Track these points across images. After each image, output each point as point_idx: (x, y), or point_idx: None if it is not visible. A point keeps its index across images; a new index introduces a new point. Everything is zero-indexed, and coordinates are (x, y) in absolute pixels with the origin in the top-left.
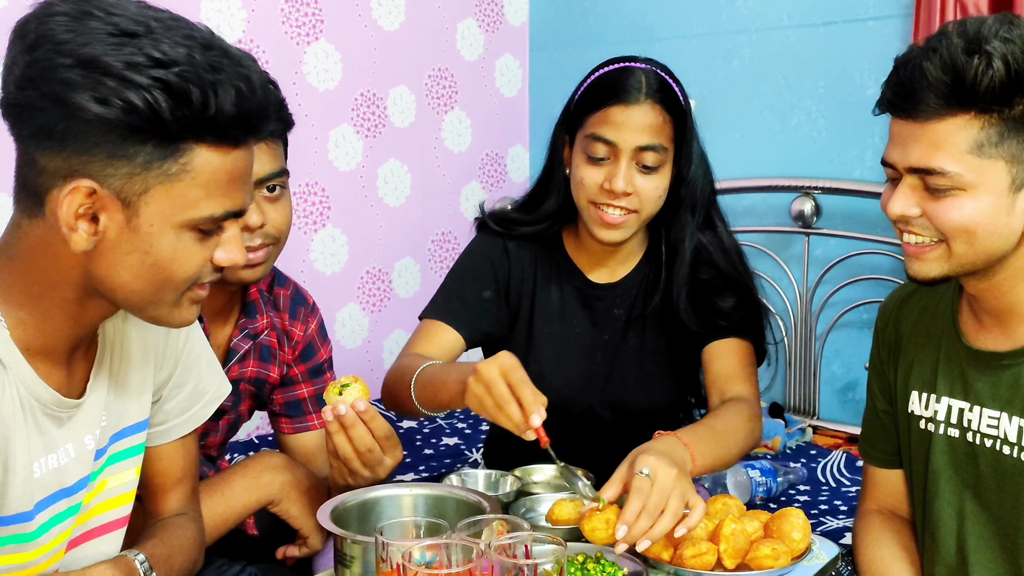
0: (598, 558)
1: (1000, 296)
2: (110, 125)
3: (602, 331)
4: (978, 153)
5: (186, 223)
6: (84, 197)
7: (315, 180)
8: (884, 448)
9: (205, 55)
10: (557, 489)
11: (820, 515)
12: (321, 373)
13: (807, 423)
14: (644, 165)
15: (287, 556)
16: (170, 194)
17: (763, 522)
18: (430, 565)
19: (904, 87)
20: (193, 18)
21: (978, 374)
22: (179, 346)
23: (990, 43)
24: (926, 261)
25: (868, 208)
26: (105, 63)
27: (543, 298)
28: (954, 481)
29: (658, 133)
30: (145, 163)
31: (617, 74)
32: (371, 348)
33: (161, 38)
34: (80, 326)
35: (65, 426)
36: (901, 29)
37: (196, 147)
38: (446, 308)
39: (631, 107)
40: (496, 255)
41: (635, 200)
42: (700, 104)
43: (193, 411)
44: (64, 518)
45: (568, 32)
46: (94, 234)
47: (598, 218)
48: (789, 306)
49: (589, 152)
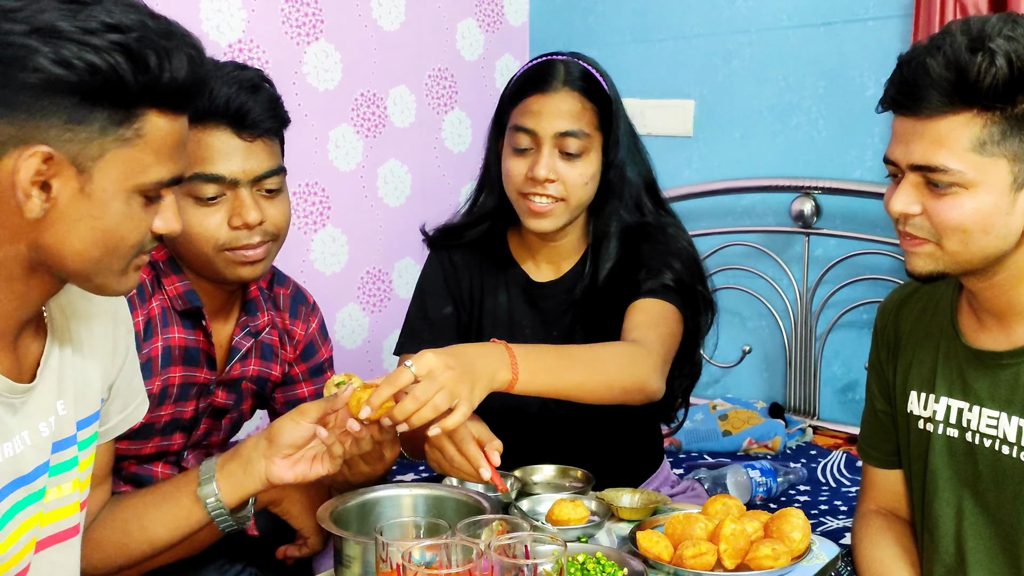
0: (598, 558)
1: (1000, 295)
2: (70, 88)
3: (551, 329)
4: (980, 151)
5: (136, 188)
6: (40, 163)
7: (315, 180)
8: (883, 448)
9: (155, 23)
10: (557, 489)
11: (820, 515)
12: (322, 372)
13: (807, 423)
14: (566, 152)
15: (287, 556)
16: (123, 159)
17: (763, 522)
18: (430, 565)
19: (907, 84)
20: (193, 18)
21: (977, 374)
22: (126, 337)
23: (994, 41)
24: (919, 256)
25: (868, 208)
26: (61, 28)
27: (491, 304)
28: (953, 481)
29: (577, 119)
30: (101, 128)
31: (537, 67)
32: (371, 348)
33: (110, 6)
34: (25, 306)
35: (19, 413)
36: (901, 29)
37: (149, 112)
38: (416, 338)
39: (548, 95)
40: (446, 269)
41: (560, 187)
42: (700, 104)
43: (128, 411)
44: (24, 506)
45: (568, 32)
46: (45, 201)
47: (527, 208)
48: (789, 306)
49: (513, 144)
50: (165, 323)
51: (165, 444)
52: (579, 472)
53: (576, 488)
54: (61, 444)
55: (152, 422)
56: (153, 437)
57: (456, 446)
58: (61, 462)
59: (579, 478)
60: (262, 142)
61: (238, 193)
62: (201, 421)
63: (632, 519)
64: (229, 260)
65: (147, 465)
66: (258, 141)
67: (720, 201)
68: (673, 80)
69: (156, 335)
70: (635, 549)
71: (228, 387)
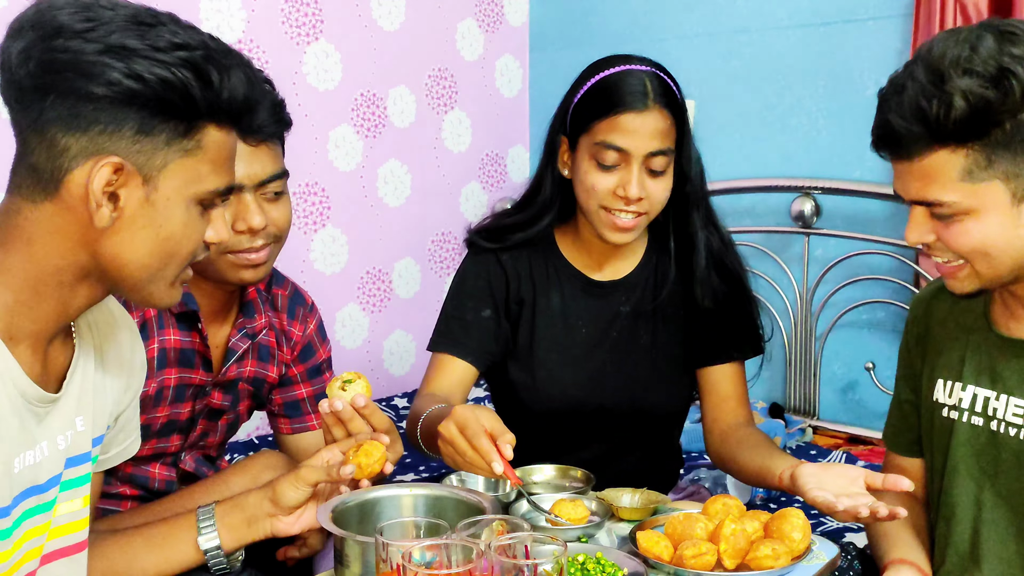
0: (598, 558)
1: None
2: (142, 101)
3: (610, 328)
4: (970, 179)
5: (195, 197)
6: (111, 173)
7: (315, 180)
8: (905, 437)
9: (215, 43)
10: (557, 489)
11: (820, 515)
12: (320, 373)
13: (807, 423)
14: (653, 170)
15: (288, 558)
16: (184, 169)
17: (763, 522)
18: (430, 565)
19: (884, 132)
20: (193, 18)
21: (1007, 362)
22: (139, 375)
23: (950, 80)
24: (959, 280)
25: (868, 208)
26: (132, 46)
27: (544, 303)
28: (974, 469)
29: (666, 137)
30: (168, 140)
31: (620, 79)
32: (371, 348)
33: (175, 27)
34: (66, 313)
35: (43, 423)
36: (901, 29)
37: (208, 126)
38: (450, 338)
39: (642, 114)
40: (491, 271)
41: (645, 204)
42: (700, 104)
43: (125, 445)
44: (33, 515)
45: (568, 32)
46: (114, 211)
47: (610, 222)
48: (789, 306)
49: (599, 159)
50: (161, 325)
51: (162, 446)
52: (579, 472)
53: (576, 488)
54: (76, 460)
55: (148, 424)
56: (150, 439)
57: (468, 441)
58: (74, 478)
59: (579, 478)
60: (266, 147)
61: (242, 197)
62: (198, 422)
63: (632, 519)
64: (232, 263)
65: (144, 466)
66: (262, 146)
67: (720, 201)
68: None
69: (152, 337)
70: (635, 549)
71: (224, 388)
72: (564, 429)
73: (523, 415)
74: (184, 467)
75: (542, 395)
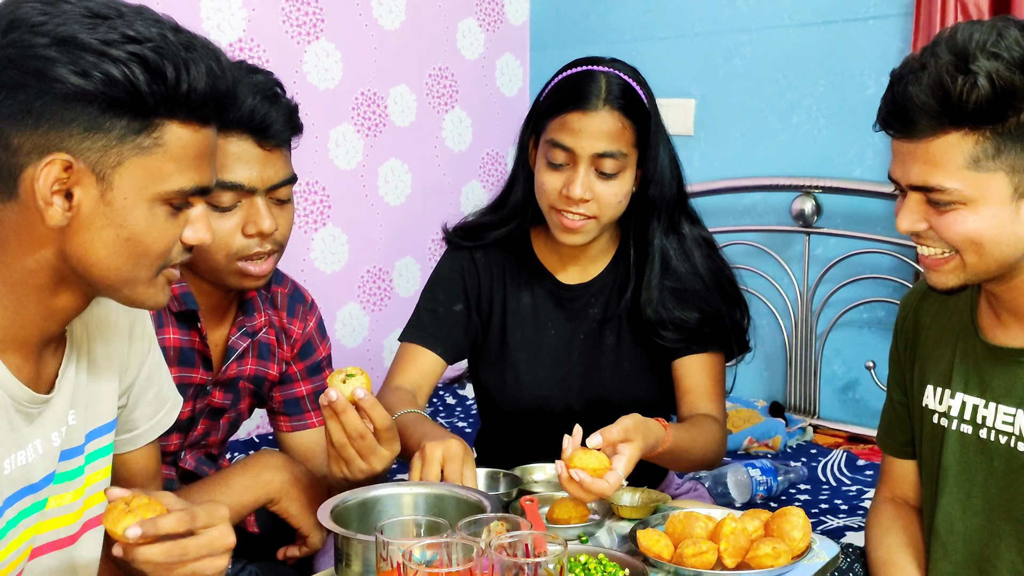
0: (600, 558)
1: (1020, 296)
2: (89, 98)
3: (578, 330)
4: (975, 167)
5: (158, 196)
6: (60, 171)
7: (315, 179)
8: (899, 439)
9: (176, 36)
10: (557, 489)
11: (820, 514)
12: (320, 371)
13: (807, 422)
14: (602, 171)
15: (288, 557)
16: (143, 167)
17: (763, 521)
18: (430, 564)
19: (896, 108)
20: (193, 18)
21: (995, 370)
22: (143, 353)
23: (976, 61)
24: (942, 273)
25: (868, 207)
26: (82, 40)
27: (514, 303)
28: (964, 477)
29: (616, 139)
30: (120, 136)
31: (577, 79)
32: (371, 347)
33: (133, 20)
34: (52, 319)
35: (35, 422)
36: (901, 28)
37: (168, 123)
38: (421, 329)
39: (588, 114)
40: (464, 267)
41: (593, 206)
42: (700, 104)
43: (158, 417)
44: (28, 514)
45: (569, 31)
46: (68, 210)
47: (559, 223)
48: (789, 306)
49: (549, 157)
50: (160, 324)
51: (161, 444)
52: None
53: None
54: (69, 453)
55: None
56: None
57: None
58: (66, 471)
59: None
60: (279, 151)
61: (253, 201)
62: (198, 421)
63: (633, 518)
64: (238, 271)
65: None
66: (276, 151)
67: (721, 200)
68: (674, 79)
69: None
70: (636, 548)
71: (225, 387)
72: (536, 429)
73: (497, 415)
74: (184, 466)
75: (510, 394)
